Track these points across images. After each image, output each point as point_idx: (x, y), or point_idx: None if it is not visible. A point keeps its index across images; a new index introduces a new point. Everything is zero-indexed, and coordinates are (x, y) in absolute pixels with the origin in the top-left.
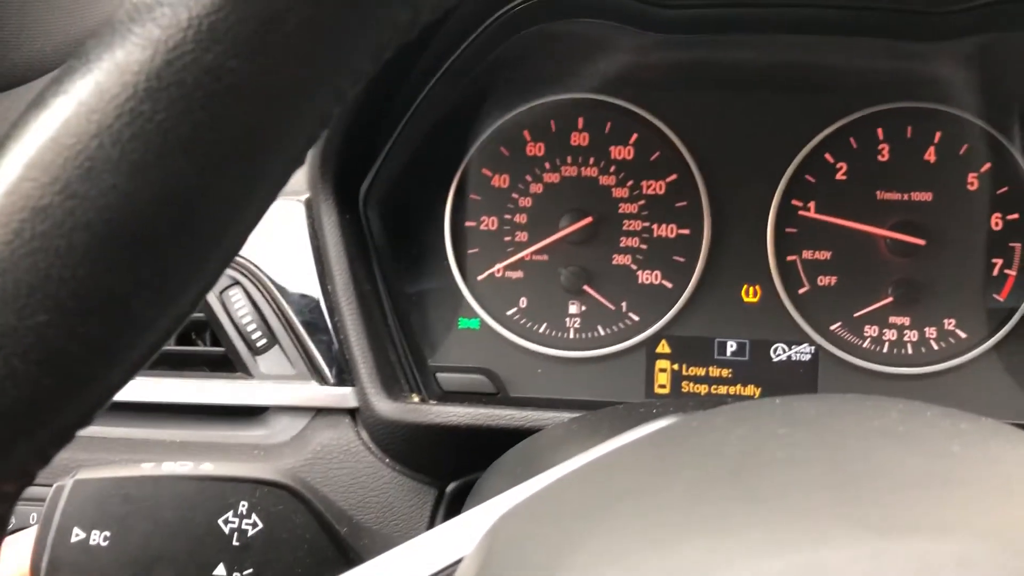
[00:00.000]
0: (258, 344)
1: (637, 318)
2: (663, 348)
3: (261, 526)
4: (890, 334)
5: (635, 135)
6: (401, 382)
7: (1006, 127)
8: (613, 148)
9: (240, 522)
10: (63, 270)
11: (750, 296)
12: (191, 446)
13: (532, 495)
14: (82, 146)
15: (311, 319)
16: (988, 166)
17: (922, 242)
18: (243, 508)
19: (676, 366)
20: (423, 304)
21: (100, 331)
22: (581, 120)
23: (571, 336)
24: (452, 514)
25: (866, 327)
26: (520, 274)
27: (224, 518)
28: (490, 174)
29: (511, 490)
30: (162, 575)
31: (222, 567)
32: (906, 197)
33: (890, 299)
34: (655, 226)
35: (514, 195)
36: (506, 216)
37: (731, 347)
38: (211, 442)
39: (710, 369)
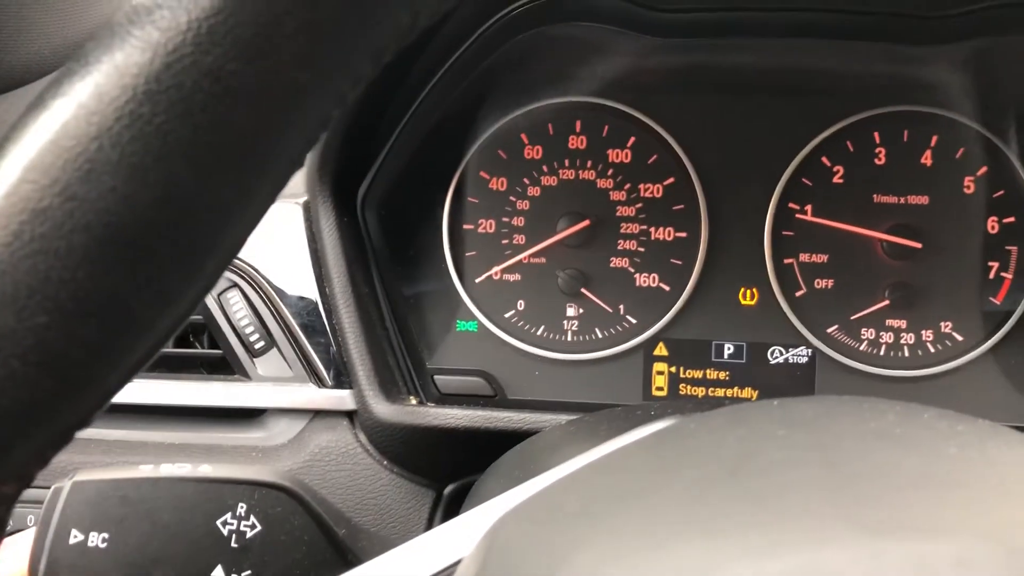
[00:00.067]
0: (256, 346)
1: (635, 321)
2: (661, 351)
3: (260, 528)
4: (887, 337)
5: (633, 138)
6: (399, 384)
7: (1002, 131)
8: (611, 151)
9: (239, 524)
10: (62, 272)
11: (747, 299)
12: (189, 448)
13: (531, 496)
14: (82, 148)
15: (309, 321)
16: (984, 170)
17: (918, 245)
18: (241, 510)
19: (674, 368)
20: (421, 306)
21: (99, 333)
22: (579, 123)
23: (569, 339)
24: (450, 516)
25: (863, 330)
26: (518, 277)
27: (222, 520)
28: (488, 177)
29: (509, 492)
30: None
31: (220, 569)
32: (902, 200)
33: (886, 302)
34: (652, 229)
35: (512, 198)
36: (504, 219)
37: (728, 349)
38: (209, 444)
39: (707, 371)
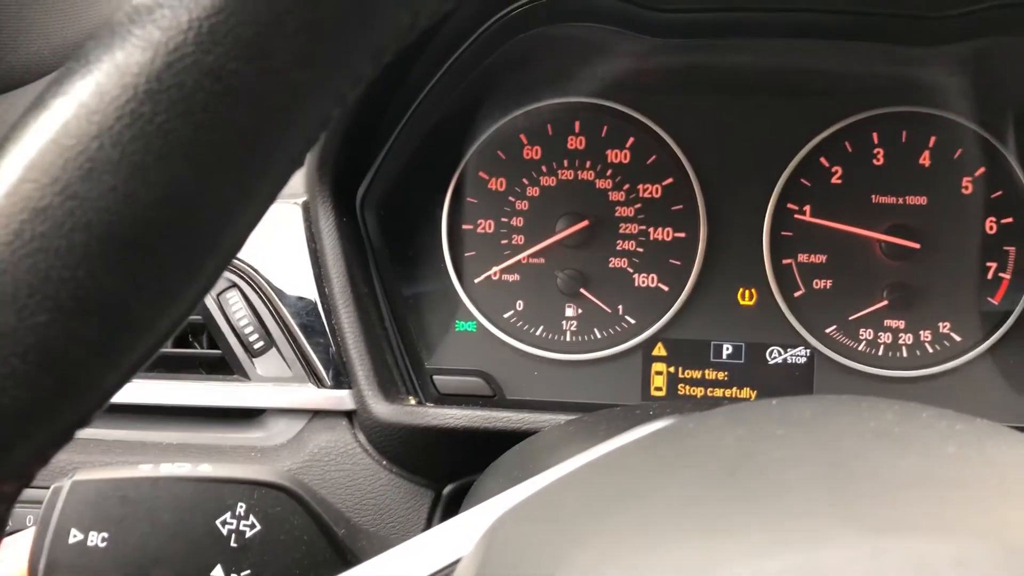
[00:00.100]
0: (255, 346)
1: (633, 321)
2: (659, 351)
3: (259, 527)
4: (885, 337)
5: (632, 139)
6: (398, 384)
7: (1000, 132)
8: (610, 152)
9: (238, 523)
10: (63, 271)
11: (746, 299)
12: (188, 448)
13: (530, 496)
14: (82, 147)
15: (308, 322)
16: (982, 170)
17: (917, 246)
18: (241, 509)
19: (672, 369)
20: (420, 307)
21: (99, 332)
22: (578, 123)
23: (567, 339)
24: (449, 516)
25: (861, 330)
26: (517, 277)
27: (222, 519)
28: (487, 177)
29: (508, 491)
30: None
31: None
32: (901, 201)
33: (885, 302)
34: (651, 229)
35: (511, 198)
36: (503, 219)
37: (727, 350)
38: (208, 444)
39: (706, 372)
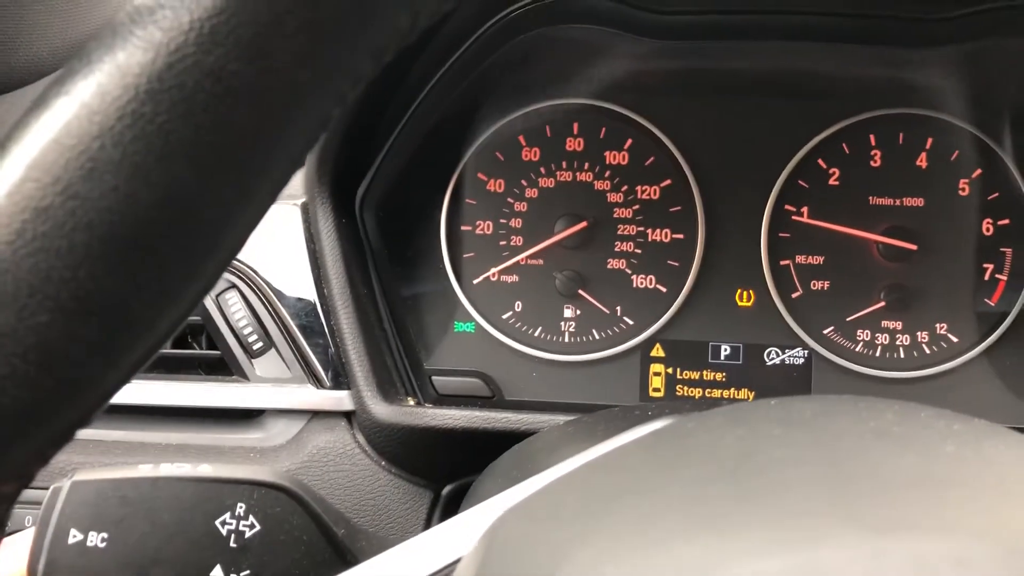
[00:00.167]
0: (254, 347)
1: (632, 322)
2: (657, 352)
3: (259, 528)
4: (882, 338)
5: (630, 140)
6: (397, 385)
7: (997, 133)
8: (608, 153)
9: (238, 523)
10: (64, 271)
11: (744, 300)
12: (187, 449)
13: (530, 495)
14: (84, 147)
15: (307, 323)
16: (979, 172)
17: (914, 247)
18: (241, 510)
19: (670, 370)
20: (419, 307)
21: (100, 332)
22: (576, 125)
23: (566, 340)
24: (448, 517)
25: (859, 331)
26: (515, 278)
27: (222, 519)
28: (486, 178)
29: (507, 491)
30: None
31: (219, 569)
32: (898, 202)
33: (882, 303)
34: (650, 231)
35: (509, 199)
36: (501, 220)
37: (725, 351)
38: (207, 445)
39: (704, 373)
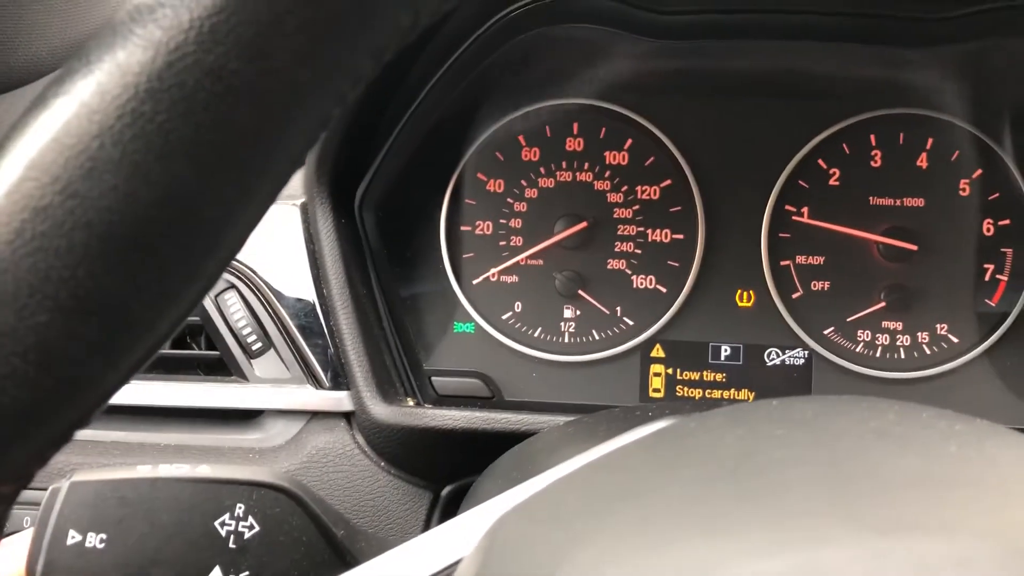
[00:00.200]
0: (253, 348)
1: (632, 322)
2: (657, 352)
3: (258, 528)
4: (883, 339)
5: (630, 140)
6: (396, 386)
7: (997, 133)
8: (608, 153)
9: (237, 524)
10: (63, 270)
11: (744, 301)
12: (186, 449)
13: (531, 496)
14: (83, 146)
15: (306, 323)
16: (979, 172)
17: (914, 247)
18: (240, 510)
19: (670, 370)
20: (418, 308)
21: (99, 332)
22: (576, 125)
23: (566, 340)
24: (447, 517)
25: (859, 332)
26: (515, 278)
27: (221, 520)
28: (485, 179)
29: (507, 492)
30: None
31: (218, 569)
32: (898, 203)
33: (882, 304)
34: (650, 231)
35: (509, 200)
36: (501, 220)
37: (725, 351)
38: (206, 446)
39: (704, 373)
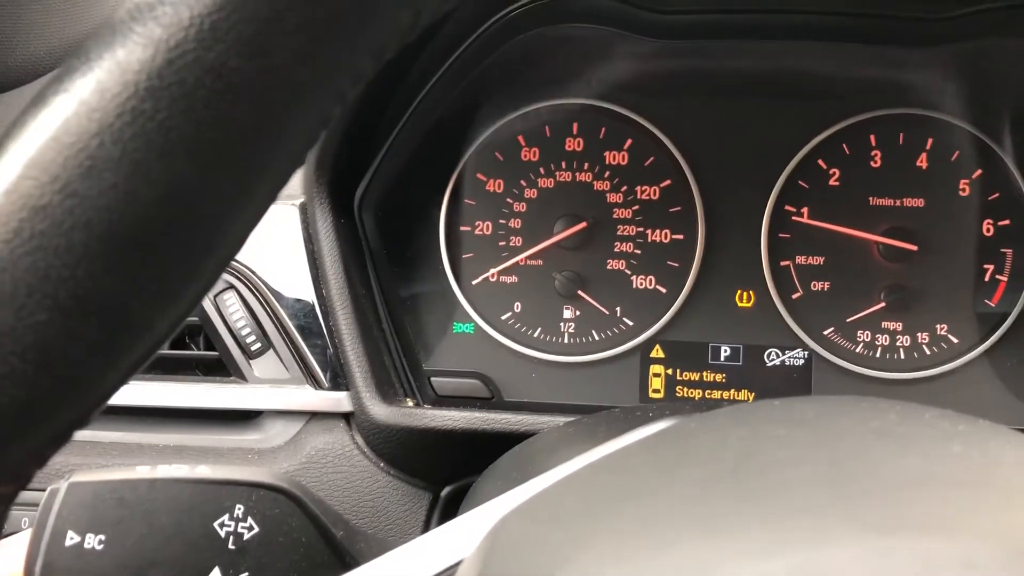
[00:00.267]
0: (252, 348)
1: (631, 323)
2: (657, 353)
3: (257, 529)
4: (883, 339)
5: (630, 140)
6: (396, 386)
7: (997, 134)
8: (607, 153)
9: (236, 525)
10: (62, 270)
11: (744, 301)
12: (185, 450)
13: (532, 497)
14: (82, 145)
15: (306, 323)
16: (979, 172)
17: (914, 248)
18: (239, 511)
19: (670, 371)
20: (418, 308)
21: (99, 332)
22: (576, 125)
23: (565, 341)
24: (447, 518)
25: (859, 332)
26: (514, 279)
27: (220, 521)
28: (485, 179)
29: (507, 493)
30: None
31: (218, 570)
32: (898, 203)
33: (882, 304)
34: (649, 231)
35: (509, 200)
36: (501, 221)
37: (725, 352)
38: (205, 446)
39: (704, 374)
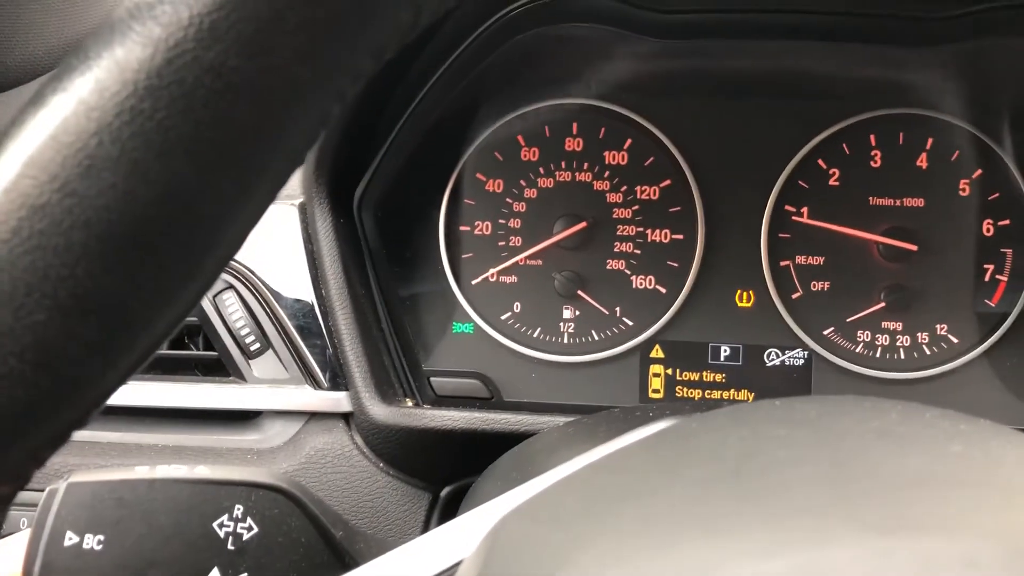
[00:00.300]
0: (252, 348)
1: (631, 323)
2: (657, 353)
3: (256, 530)
4: (883, 339)
5: (629, 140)
6: (395, 386)
7: (997, 134)
8: (607, 153)
9: (235, 526)
10: (61, 269)
11: (744, 301)
12: (184, 450)
13: (532, 497)
14: (81, 144)
15: (305, 323)
16: (979, 172)
17: (914, 248)
18: (238, 511)
19: (670, 371)
20: (417, 308)
21: (98, 331)
22: (575, 125)
23: (565, 341)
24: (446, 518)
25: (859, 332)
26: (514, 279)
27: (219, 521)
28: (484, 179)
29: (507, 493)
30: None
31: (217, 571)
32: (898, 203)
33: (882, 304)
34: (649, 231)
35: (508, 200)
36: (500, 221)
37: (725, 352)
38: (204, 446)
39: (704, 374)
